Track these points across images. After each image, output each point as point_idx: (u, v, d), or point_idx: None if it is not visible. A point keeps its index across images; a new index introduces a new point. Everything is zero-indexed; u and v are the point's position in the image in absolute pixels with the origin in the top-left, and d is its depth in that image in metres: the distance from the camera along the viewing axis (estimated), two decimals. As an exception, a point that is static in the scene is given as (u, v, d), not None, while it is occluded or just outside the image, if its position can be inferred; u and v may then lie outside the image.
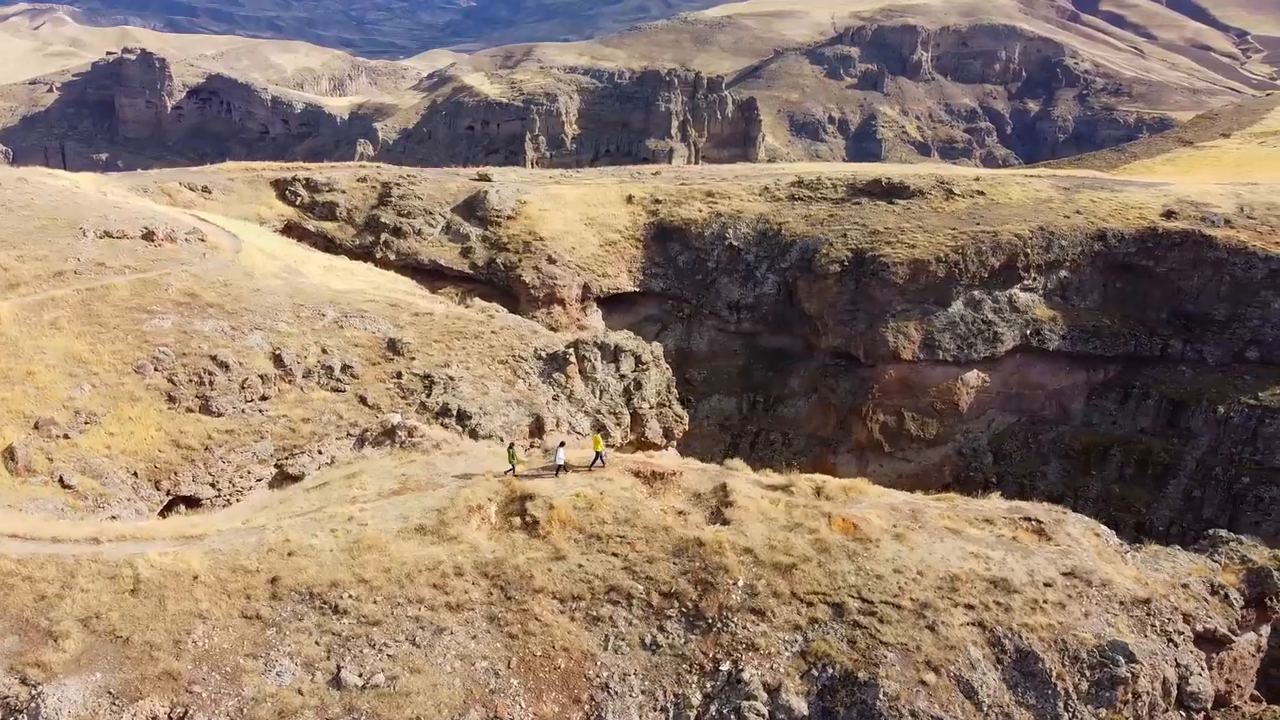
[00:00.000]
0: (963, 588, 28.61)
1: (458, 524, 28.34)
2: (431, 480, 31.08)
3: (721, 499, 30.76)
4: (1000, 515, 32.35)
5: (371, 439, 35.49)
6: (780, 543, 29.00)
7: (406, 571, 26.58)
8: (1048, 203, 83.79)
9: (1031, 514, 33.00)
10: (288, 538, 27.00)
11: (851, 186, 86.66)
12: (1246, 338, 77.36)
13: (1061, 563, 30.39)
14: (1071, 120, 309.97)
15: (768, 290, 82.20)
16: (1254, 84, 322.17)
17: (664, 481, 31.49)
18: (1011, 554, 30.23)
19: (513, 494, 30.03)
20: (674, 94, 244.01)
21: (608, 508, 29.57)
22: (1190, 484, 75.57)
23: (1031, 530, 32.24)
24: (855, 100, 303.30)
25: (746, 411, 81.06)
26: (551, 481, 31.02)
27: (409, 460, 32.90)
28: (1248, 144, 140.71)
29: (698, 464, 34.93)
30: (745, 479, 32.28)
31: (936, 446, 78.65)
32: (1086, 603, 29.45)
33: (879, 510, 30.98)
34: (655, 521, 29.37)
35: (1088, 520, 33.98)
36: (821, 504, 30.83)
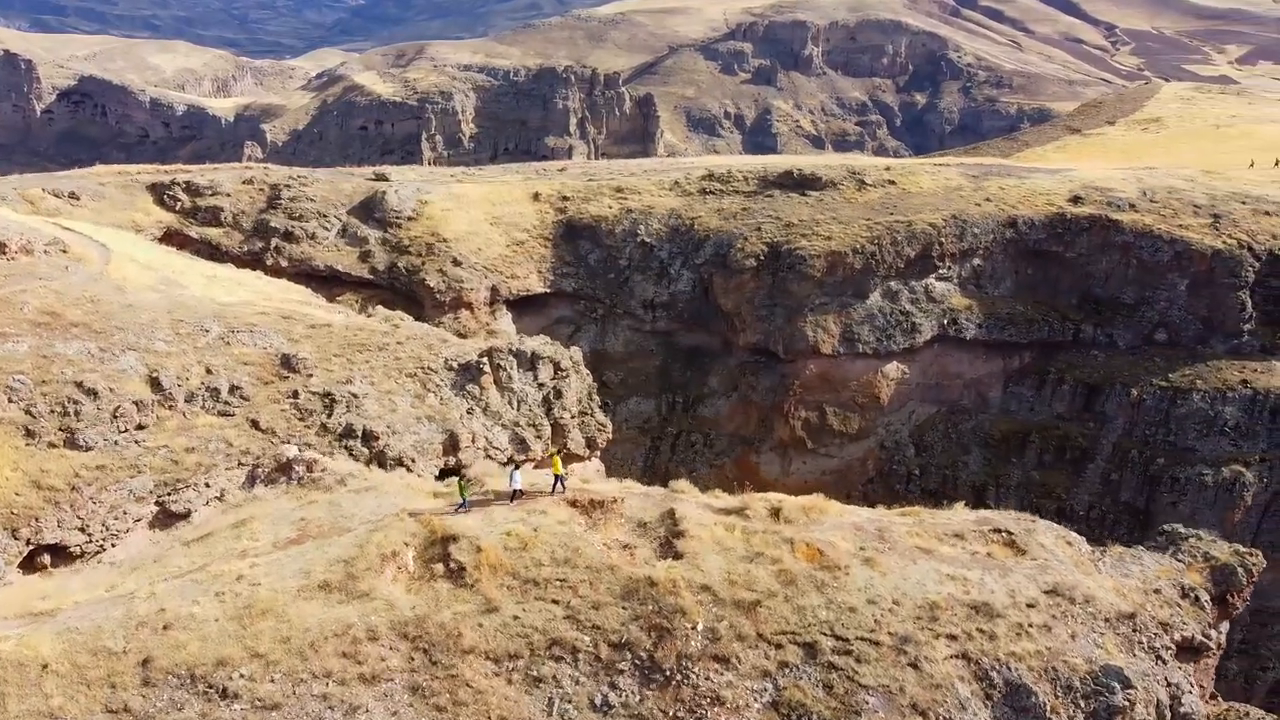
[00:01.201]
0: (943, 616, 25.49)
1: (370, 576, 23.92)
2: (336, 524, 26.52)
3: (671, 528, 27.03)
4: (970, 529, 29.42)
5: (264, 476, 30.54)
6: (741, 576, 25.42)
7: (310, 640, 22.07)
8: (958, 191, 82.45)
9: (1000, 525, 30.20)
10: (162, 607, 22.20)
11: (763, 179, 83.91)
12: (1155, 320, 77.21)
13: (1041, 579, 27.59)
14: (957, 112, 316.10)
15: (683, 287, 78.86)
16: (1123, 75, 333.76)
17: (604, 511, 27.57)
18: (989, 573, 27.28)
19: (433, 535, 25.72)
20: (571, 91, 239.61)
21: (544, 546, 25.52)
22: (1108, 467, 75.00)
23: (1004, 543, 29.42)
24: (750, 95, 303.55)
25: (666, 413, 77.61)
26: (477, 518, 26.81)
27: (309, 500, 28.21)
28: (1132, 131, 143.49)
29: (639, 487, 31.13)
30: (694, 503, 28.61)
31: (859, 441, 76.49)
32: (1072, 623, 26.69)
33: (843, 532, 27.66)
34: (599, 559, 25.46)
35: (1057, 528, 31.40)
36: (781, 528, 27.35)
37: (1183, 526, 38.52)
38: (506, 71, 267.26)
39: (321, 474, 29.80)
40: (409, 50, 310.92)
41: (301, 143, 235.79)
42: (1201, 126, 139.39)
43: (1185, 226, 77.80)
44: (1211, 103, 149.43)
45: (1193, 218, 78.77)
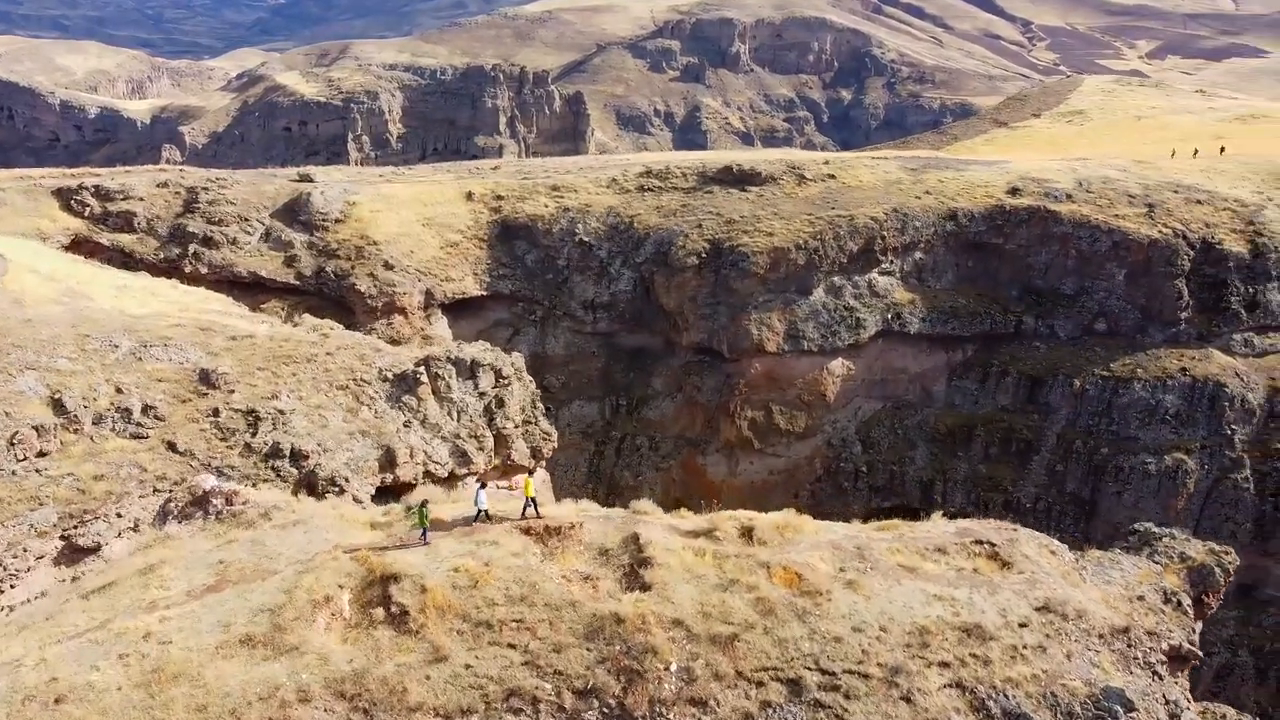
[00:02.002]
0: (934, 641, 23.33)
1: (299, 627, 20.90)
2: (260, 566, 23.38)
3: (636, 555, 24.44)
4: (951, 542, 27.37)
5: (177, 511, 27.10)
6: (715, 607, 22.94)
7: (231, 707, 19.01)
8: (898, 184, 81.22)
9: (982, 536, 28.22)
10: (54, 675, 18.95)
11: (702, 175, 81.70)
12: (1095, 310, 76.82)
13: (1031, 595, 25.64)
14: (882, 107, 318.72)
15: (624, 287, 76.30)
16: (1040, 69, 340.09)
17: (562, 539, 24.87)
18: (977, 591, 25.23)
19: (371, 575, 22.75)
20: (500, 90, 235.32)
21: (497, 583, 22.73)
22: (1053, 458, 74.37)
23: (987, 556, 27.45)
24: (679, 93, 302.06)
25: (610, 416, 74.99)
26: (420, 553, 23.87)
27: (228, 539, 24.96)
28: (1057, 123, 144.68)
29: (597, 509, 28.44)
30: (659, 524, 26.06)
31: (806, 439, 74.76)
32: (1066, 641, 24.76)
33: (822, 552, 25.37)
34: (559, 595, 22.76)
35: (1039, 536, 29.56)
36: (755, 550, 24.96)
37: (1155, 525, 37.12)
38: (433, 70, 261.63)
39: (243, 507, 26.53)
40: (332, 49, 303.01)
41: (222, 145, 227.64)
42: (1123, 118, 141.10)
43: (1121, 216, 77.57)
44: (1131, 95, 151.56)
45: (1128, 207, 78.60)
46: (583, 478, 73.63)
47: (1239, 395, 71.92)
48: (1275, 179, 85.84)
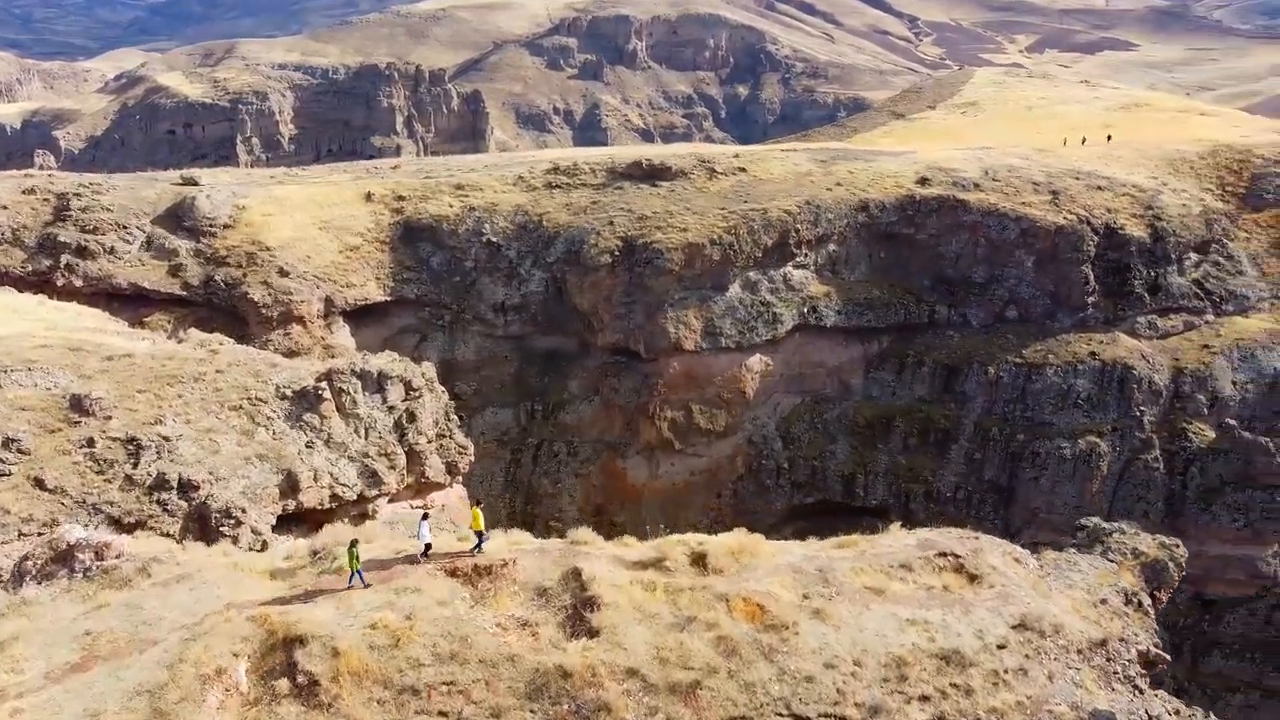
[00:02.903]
0: (912, 673, 21.01)
1: (186, 710, 17.34)
2: (137, 635, 19.62)
3: (579, 594, 21.46)
4: (915, 557, 25.15)
5: (36, 570, 22.89)
6: (673, 651, 20.16)
7: (102, 821, 15.41)
8: (808, 176, 79.77)
9: (946, 548, 26.10)
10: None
11: (611, 170, 78.83)
12: (1005, 298, 76.60)
13: (1006, 612, 23.58)
14: (778, 103, 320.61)
15: (535, 288, 72.95)
16: (928, 64, 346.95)
17: (493, 579, 21.73)
18: (950, 612, 23.04)
19: (273, 638, 19.26)
20: (396, 89, 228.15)
21: (422, 639, 19.49)
22: (971, 447, 73.88)
23: (954, 569, 25.32)
24: (578, 90, 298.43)
25: (525, 422, 71.60)
26: (331, 607, 20.43)
27: (99, 603, 21.03)
28: (952, 115, 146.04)
29: (530, 540, 25.30)
30: (601, 556, 23.11)
31: (727, 438, 72.66)
32: (1047, 660, 22.75)
33: (782, 577, 22.81)
34: (494, 648, 19.64)
35: (1003, 544, 27.61)
36: (710, 580, 22.25)
37: (1102, 520, 35.78)
38: (325, 70, 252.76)
39: (117, 561, 22.55)
40: (217, 49, 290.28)
41: (101, 149, 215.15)
42: (1014, 108, 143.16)
43: (1028, 204, 77.58)
44: (1021, 86, 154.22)
45: (1033, 195, 78.69)
46: (499, 488, 70.16)
47: (1146, 377, 72.53)
48: (1168, 164, 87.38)
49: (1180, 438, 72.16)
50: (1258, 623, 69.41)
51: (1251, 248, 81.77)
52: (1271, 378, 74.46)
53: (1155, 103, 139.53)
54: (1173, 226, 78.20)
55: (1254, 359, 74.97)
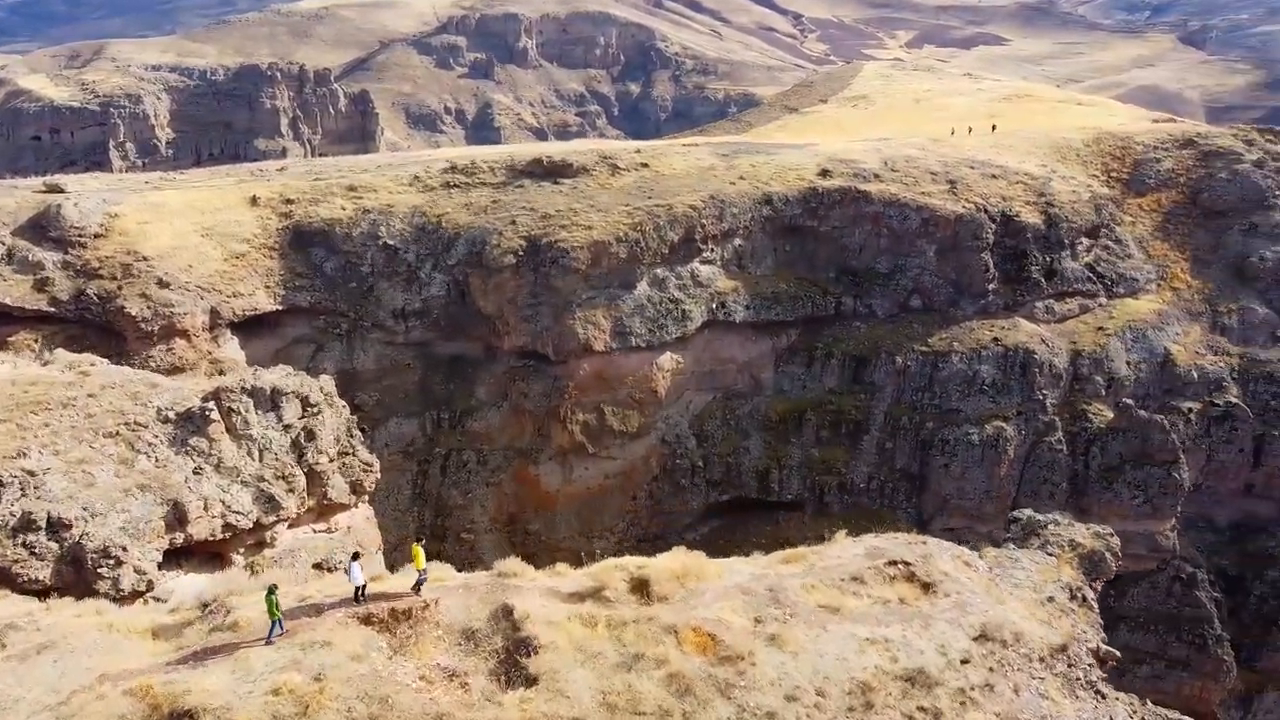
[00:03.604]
0: (878, 699, 19.33)
1: (52, 815, 14.34)
2: (-11, 723, 16.43)
3: (512, 636, 19.09)
4: (865, 568, 23.54)
5: None
6: (622, 695, 17.98)
7: None
8: (711, 170, 78.42)
9: (894, 555, 24.60)
10: None
11: (511, 168, 75.99)
12: (909, 287, 76.68)
13: (965, 622, 22.15)
14: (670, 100, 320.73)
15: (436, 292, 69.67)
16: (814, 60, 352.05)
17: (413, 623, 19.17)
18: (909, 627, 21.46)
19: (156, 714, 16.32)
20: (279, 90, 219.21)
21: (335, 703, 16.84)
22: (882, 437, 73.67)
23: (906, 578, 23.81)
24: (469, 90, 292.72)
25: (431, 432, 68.31)
26: (226, 672, 17.55)
27: (-59, 685, 17.68)
28: (844, 108, 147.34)
29: (453, 575, 22.74)
30: (534, 590, 20.75)
31: (640, 439, 70.75)
32: (1011, 672, 21.38)
33: (731, 602, 20.86)
34: (419, 708, 17.13)
35: (950, 547, 26.30)
36: (655, 610, 20.14)
37: (1035, 511, 35.03)
38: (203, 71, 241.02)
39: (-37, 632, 19.11)
40: (85, 50, 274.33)
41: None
42: (903, 101, 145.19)
43: (927, 194, 77.83)
44: (908, 79, 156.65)
45: (932, 185, 79.01)
46: (406, 502, 66.78)
47: (1047, 361, 73.44)
48: (1055, 152, 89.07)
49: (1081, 419, 73.38)
50: (1159, 595, 71.01)
51: (1137, 231, 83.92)
52: (1162, 357, 76.47)
53: (1036, 93, 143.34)
54: (1065, 213, 79.54)
55: (1145, 339, 76.84)
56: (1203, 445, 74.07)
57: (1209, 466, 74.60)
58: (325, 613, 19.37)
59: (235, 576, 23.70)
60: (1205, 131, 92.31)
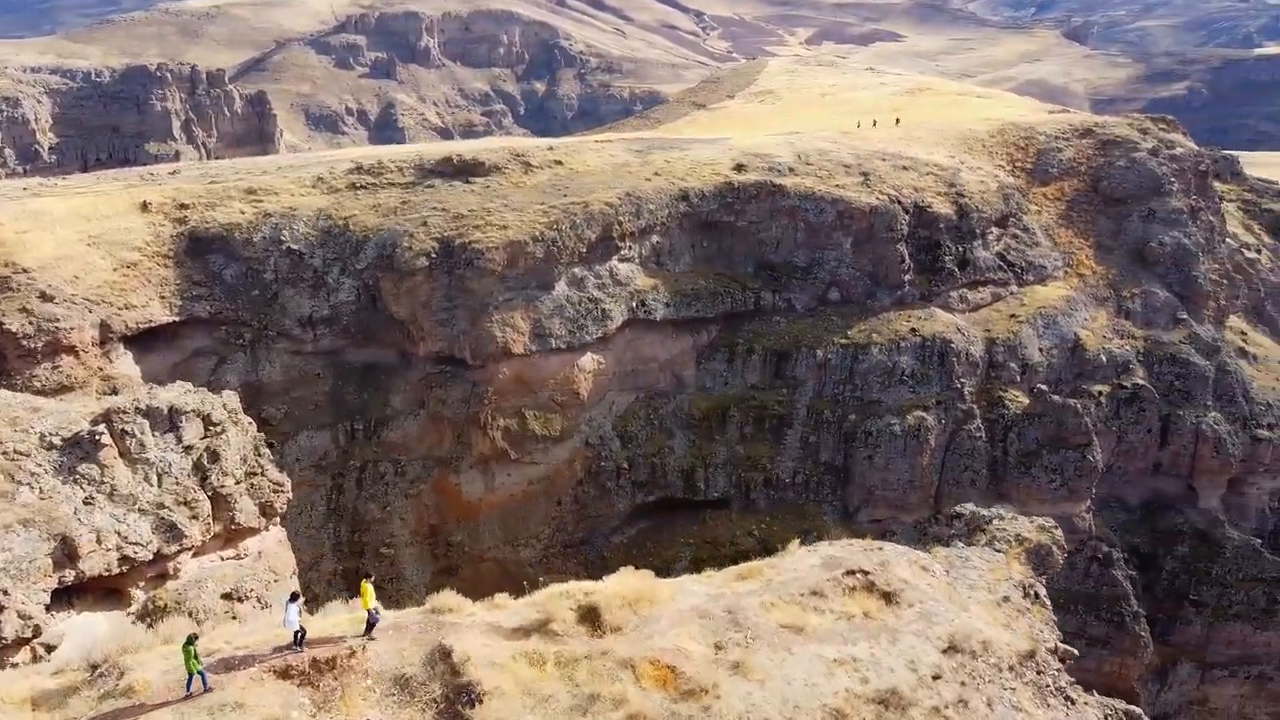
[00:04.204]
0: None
1: None
2: None
3: (451, 681, 17.03)
4: (823, 580, 22.13)
5: None
6: (578, 743, 16.09)
7: None
8: (626, 167, 76.76)
9: (852, 564, 23.26)
10: None
11: (420, 168, 73.02)
12: (827, 280, 76.26)
13: (932, 634, 20.90)
14: (575, 98, 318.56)
15: (345, 297, 66.37)
16: (717, 57, 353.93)
17: (338, 674, 16.92)
18: (877, 644, 20.11)
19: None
20: (170, 91, 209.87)
21: (251, 778, 14.55)
22: (805, 430, 73.07)
23: (865, 588, 22.48)
24: (370, 90, 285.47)
25: (345, 444, 65.04)
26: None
27: None
28: (751, 103, 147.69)
29: (384, 612, 20.46)
30: (474, 627, 18.70)
31: (563, 442, 68.67)
32: (983, 685, 20.21)
33: (689, 627, 19.18)
34: (350, 775, 14.97)
35: (907, 552, 25.11)
36: (608, 642, 18.32)
37: (974, 505, 34.27)
38: (87, 73, 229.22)
39: None
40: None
41: None
42: (809, 95, 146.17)
43: (842, 186, 77.53)
44: (812, 74, 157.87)
45: (846, 177, 78.78)
46: (321, 518, 63.47)
47: (964, 350, 73.86)
48: (963, 143, 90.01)
49: (998, 406, 74.03)
50: (1078, 576, 72.07)
51: (1043, 220, 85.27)
52: (1072, 342, 77.72)
53: (936, 87, 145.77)
54: (975, 203, 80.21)
55: (1055, 325, 77.99)
56: (1113, 427, 75.47)
57: (1119, 447, 76.09)
58: (242, 665, 16.98)
59: (129, 631, 20.98)
60: (1102, 121, 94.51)
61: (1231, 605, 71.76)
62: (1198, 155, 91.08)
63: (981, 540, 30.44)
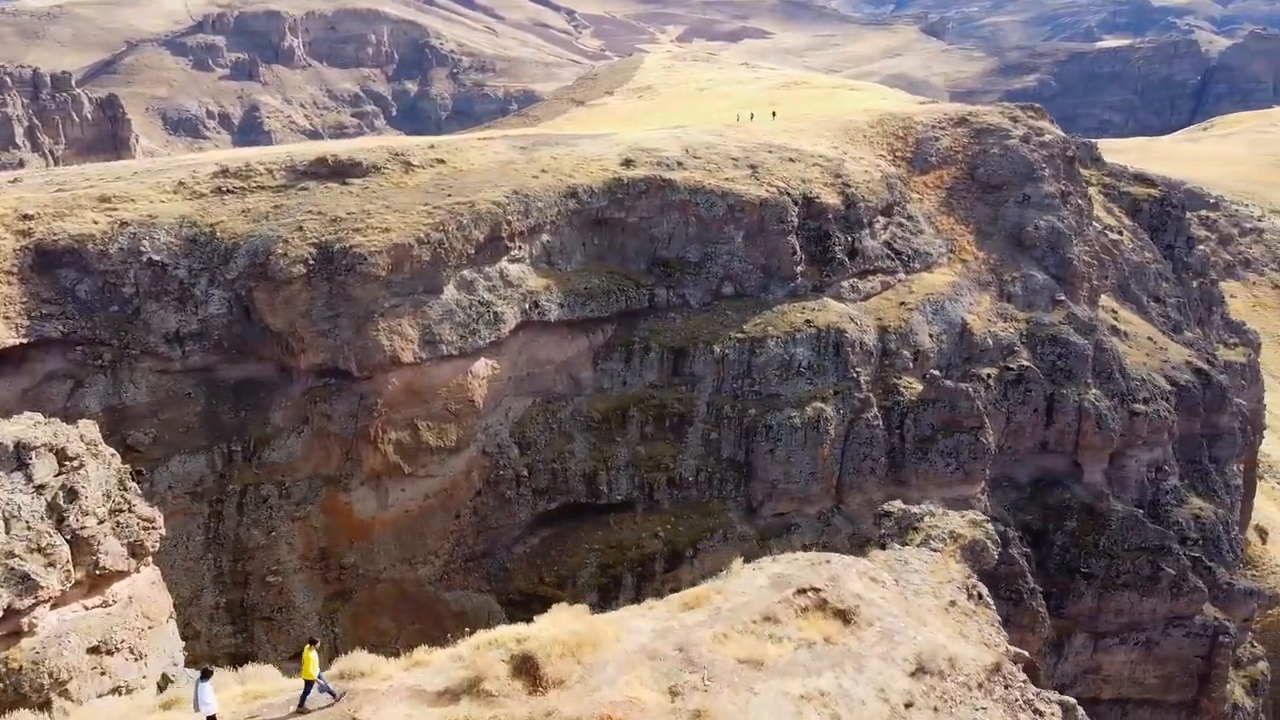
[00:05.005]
0: (829, 773, 15.85)
1: None
2: None
3: (370, 768, 14.22)
4: (775, 603, 20.17)
5: None
6: (528, 831, 13.57)
7: None
8: (511, 164, 73.79)
9: (802, 582, 21.37)
10: None
11: (292, 169, 68.34)
12: (721, 275, 74.99)
13: (897, 656, 19.17)
14: (449, 98, 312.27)
15: (215, 310, 61.43)
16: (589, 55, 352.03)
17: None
18: (842, 673, 18.24)
19: None
20: (10, 96, 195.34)
21: None
22: (706, 428, 71.68)
23: (818, 606, 20.62)
24: (232, 92, 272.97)
25: (223, 467, 60.17)
26: None
27: None
28: (630, 99, 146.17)
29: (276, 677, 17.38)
30: (392, 694, 15.89)
31: (460, 453, 65.34)
32: (955, 708, 18.65)
33: (639, 672, 16.86)
34: None
35: (855, 563, 23.37)
36: (551, 699, 15.85)
37: (904, 503, 33.00)
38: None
39: None
40: None
41: None
42: (687, 90, 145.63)
43: (731, 179, 76.41)
44: (689, 70, 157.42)
45: (734, 170, 77.71)
46: (199, 549, 58.55)
47: (857, 339, 73.69)
48: (844, 134, 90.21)
49: (893, 393, 74.12)
50: (976, 556, 72.83)
51: (925, 208, 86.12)
52: (960, 327, 78.55)
53: (810, 80, 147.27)
54: (861, 193, 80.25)
55: (943, 311, 78.70)
56: (1002, 409, 76.56)
57: (1008, 428, 77.27)
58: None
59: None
60: (975, 110, 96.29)
61: (1119, 575, 73.69)
62: (1065, 142, 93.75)
63: (916, 540, 29.12)
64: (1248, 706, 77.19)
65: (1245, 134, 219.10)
